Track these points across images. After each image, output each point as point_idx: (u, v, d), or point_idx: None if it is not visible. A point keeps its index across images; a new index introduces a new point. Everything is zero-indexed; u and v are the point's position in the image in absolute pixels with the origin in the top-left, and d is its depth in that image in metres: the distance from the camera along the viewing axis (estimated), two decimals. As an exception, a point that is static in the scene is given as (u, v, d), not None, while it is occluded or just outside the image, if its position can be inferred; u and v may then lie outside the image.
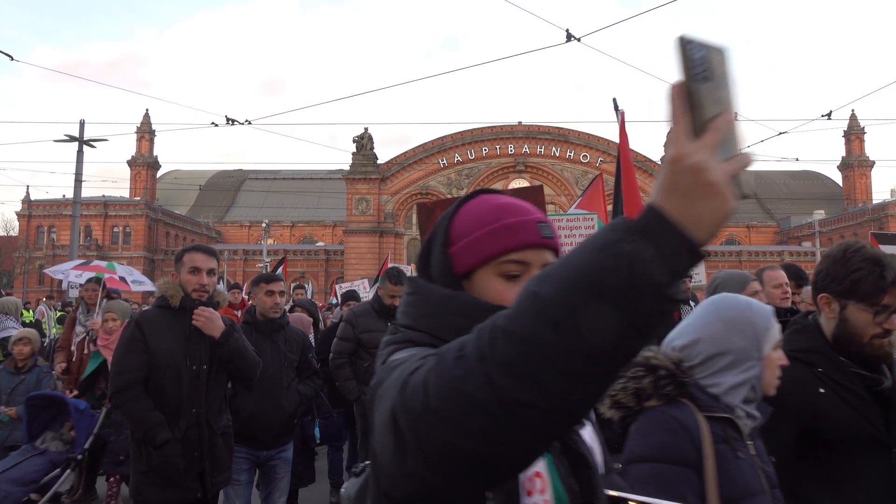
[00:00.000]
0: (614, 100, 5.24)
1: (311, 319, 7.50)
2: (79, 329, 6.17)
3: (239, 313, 7.39)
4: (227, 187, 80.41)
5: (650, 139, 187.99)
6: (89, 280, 6.65)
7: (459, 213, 1.09)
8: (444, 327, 0.97)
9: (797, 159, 71.33)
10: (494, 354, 0.69)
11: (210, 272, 3.44)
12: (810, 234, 51.81)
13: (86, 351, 5.92)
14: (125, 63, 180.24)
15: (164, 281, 3.48)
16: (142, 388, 3.30)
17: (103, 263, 6.76)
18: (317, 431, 5.09)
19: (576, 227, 6.40)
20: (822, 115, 14.08)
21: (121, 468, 5.16)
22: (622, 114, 5.39)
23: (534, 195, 4.07)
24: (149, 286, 7.46)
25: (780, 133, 26.36)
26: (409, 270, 14.73)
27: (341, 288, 14.67)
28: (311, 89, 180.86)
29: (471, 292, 1.04)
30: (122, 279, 7.73)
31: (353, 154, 50.85)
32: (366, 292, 12.29)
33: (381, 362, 0.96)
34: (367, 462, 1.03)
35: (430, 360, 0.77)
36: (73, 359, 6.03)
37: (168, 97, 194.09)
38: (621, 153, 5.47)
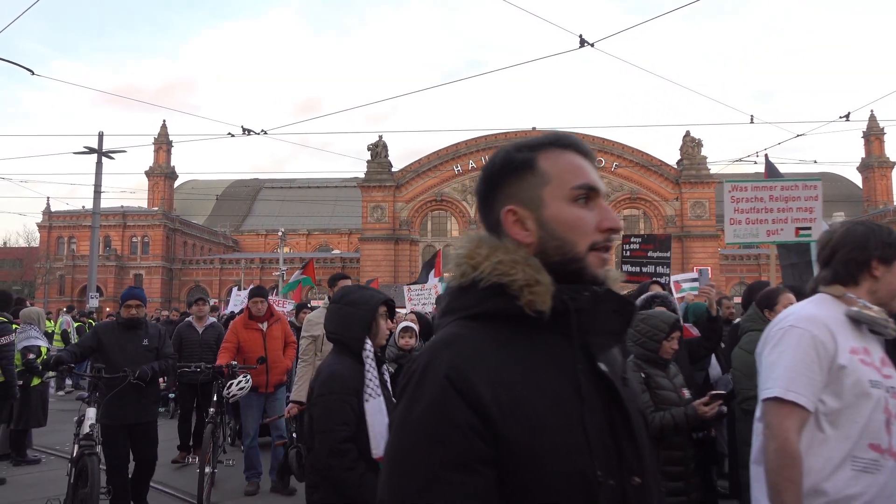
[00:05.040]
0: None
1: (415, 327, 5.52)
2: None
3: (264, 326, 6.56)
4: (243, 196, 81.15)
5: (664, 143, 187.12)
6: None
7: None
8: None
9: (815, 161, 70.24)
10: None
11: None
12: (830, 236, 50.83)
13: None
14: (144, 75, 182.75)
15: (493, 247, 1.06)
16: None
17: None
18: None
19: (793, 196, 6.33)
20: (841, 117, 14.01)
21: None
22: None
23: None
24: None
25: (798, 135, 25.90)
26: (431, 278, 13.72)
27: (412, 291, 11.82)
28: (340, 109, 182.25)
29: None
30: None
31: (368, 162, 51.05)
32: (436, 294, 10.71)
33: None
34: None
35: None
36: None
37: (186, 108, 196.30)
38: None
